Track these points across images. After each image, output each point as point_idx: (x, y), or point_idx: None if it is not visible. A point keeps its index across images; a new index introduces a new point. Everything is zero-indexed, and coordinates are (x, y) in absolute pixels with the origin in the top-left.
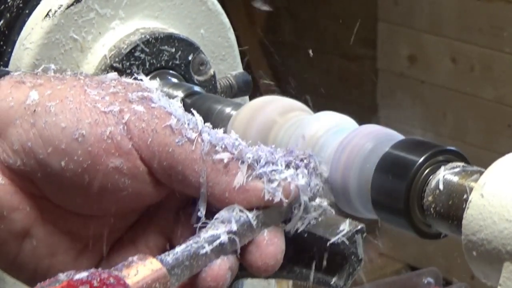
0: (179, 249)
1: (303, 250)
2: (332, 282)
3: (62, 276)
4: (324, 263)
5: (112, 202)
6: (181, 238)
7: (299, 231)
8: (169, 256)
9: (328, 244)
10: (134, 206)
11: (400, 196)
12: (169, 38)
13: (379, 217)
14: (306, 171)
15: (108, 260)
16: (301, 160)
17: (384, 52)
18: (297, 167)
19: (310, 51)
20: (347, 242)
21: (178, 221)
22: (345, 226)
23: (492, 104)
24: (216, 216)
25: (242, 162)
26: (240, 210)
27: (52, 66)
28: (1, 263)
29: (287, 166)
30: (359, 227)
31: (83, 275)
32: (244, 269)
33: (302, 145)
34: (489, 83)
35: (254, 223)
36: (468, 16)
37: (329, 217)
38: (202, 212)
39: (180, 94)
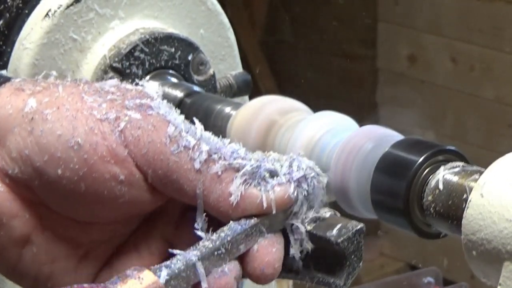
0: (175, 260)
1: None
2: (332, 282)
3: None
4: (324, 263)
5: (109, 209)
6: (183, 243)
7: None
8: (166, 269)
9: (328, 244)
10: (133, 213)
11: (400, 196)
12: (169, 38)
13: (379, 217)
14: (306, 184)
15: (111, 266)
16: (303, 173)
17: (384, 52)
18: (297, 179)
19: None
20: (347, 242)
21: (180, 226)
22: (345, 226)
23: (492, 104)
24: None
25: (238, 171)
26: (237, 220)
27: (54, 73)
28: (2, 270)
29: (287, 177)
30: (359, 227)
31: None
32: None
33: (302, 146)
34: (489, 83)
35: (251, 232)
36: (468, 16)
37: (329, 217)
38: (199, 224)
39: (179, 93)
